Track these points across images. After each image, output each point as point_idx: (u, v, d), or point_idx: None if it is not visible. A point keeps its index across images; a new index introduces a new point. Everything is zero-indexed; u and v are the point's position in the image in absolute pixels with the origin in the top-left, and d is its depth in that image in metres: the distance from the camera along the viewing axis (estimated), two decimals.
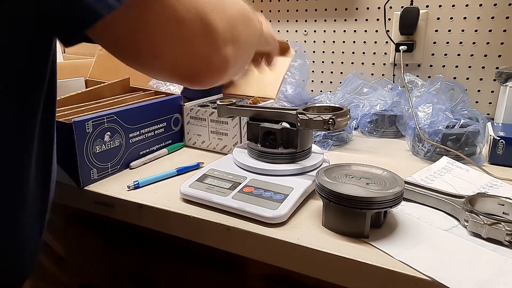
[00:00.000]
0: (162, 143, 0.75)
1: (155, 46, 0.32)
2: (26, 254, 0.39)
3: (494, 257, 0.41)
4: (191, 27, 0.32)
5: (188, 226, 0.52)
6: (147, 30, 0.31)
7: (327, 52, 1.08)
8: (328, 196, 0.45)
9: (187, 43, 0.32)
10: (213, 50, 0.33)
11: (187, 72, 0.34)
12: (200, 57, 0.33)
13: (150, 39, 0.31)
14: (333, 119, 0.51)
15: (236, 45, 0.36)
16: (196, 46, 0.32)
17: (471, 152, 0.67)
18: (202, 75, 0.34)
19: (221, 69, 0.35)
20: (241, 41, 0.37)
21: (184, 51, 0.32)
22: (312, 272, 0.45)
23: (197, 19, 0.32)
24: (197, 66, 0.33)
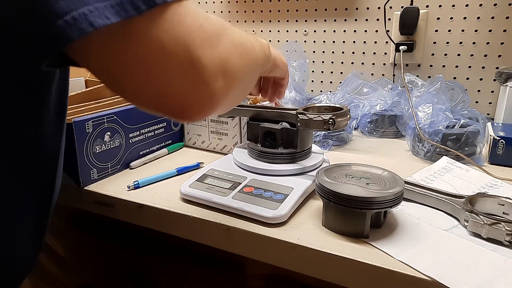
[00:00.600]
0: (162, 143, 0.75)
1: (136, 79, 0.30)
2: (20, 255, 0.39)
3: (494, 257, 0.41)
4: (176, 62, 0.30)
5: (188, 226, 0.52)
6: (127, 61, 0.29)
7: (327, 52, 1.08)
8: (328, 196, 0.45)
9: (172, 78, 0.30)
10: (200, 85, 0.31)
11: (172, 107, 0.32)
12: (185, 92, 0.31)
13: (131, 71, 0.30)
14: (333, 119, 0.51)
15: (228, 78, 0.34)
16: (181, 80, 0.31)
17: (471, 152, 0.67)
18: (188, 110, 0.33)
19: (210, 104, 0.33)
20: (235, 74, 0.35)
21: (168, 87, 0.31)
22: (312, 272, 0.45)
23: (184, 53, 0.30)
24: (182, 101, 0.32)
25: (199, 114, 0.34)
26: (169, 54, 0.30)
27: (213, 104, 0.34)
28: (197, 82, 0.31)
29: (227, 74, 0.34)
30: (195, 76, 0.31)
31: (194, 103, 0.32)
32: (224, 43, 0.34)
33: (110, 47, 0.29)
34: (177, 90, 0.31)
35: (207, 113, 0.34)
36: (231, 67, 0.34)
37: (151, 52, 0.29)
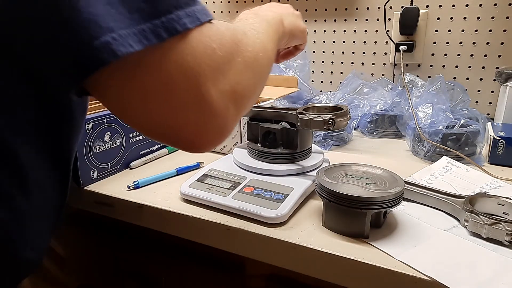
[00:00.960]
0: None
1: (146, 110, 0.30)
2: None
3: (494, 257, 0.41)
4: (186, 94, 0.29)
5: (188, 226, 0.52)
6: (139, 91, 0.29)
7: (327, 52, 1.08)
8: (328, 196, 0.45)
9: (181, 109, 0.30)
10: (210, 118, 0.31)
11: (181, 140, 0.32)
12: (195, 124, 0.31)
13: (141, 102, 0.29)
14: (333, 119, 0.51)
15: (239, 102, 0.33)
16: (191, 113, 0.30)
17: (471, 152, 0.67)
18: (198, 142, 0.32)
19: (219, 134, 0.33)
20: (246, 94, 0.35)
21: (177, 117, 0.30)
22: (312, 272, 0.45)
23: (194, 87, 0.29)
24: (192, 133, 0.31)
25: (210, 146, 0.33)
26: (177, 86, 0.29)
27: (224, 133, 0.33)
28: (207, 115, 0.31)
29: (238, 99, 0.33)
30: (205, 110, 0.30)
31: (203, 135, 0.32)
32: (237, 65, 0.33)
33: (125, 76, 0.28)
34: (185, 122, 0.30)
35: (218, 143, 0.34)
36: (242, 90, 0.34)
37: (160, 81, 0.28)
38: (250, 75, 0.35)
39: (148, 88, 0.29)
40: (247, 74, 0.34)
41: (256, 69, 0.37)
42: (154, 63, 0.28)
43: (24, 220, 0.36)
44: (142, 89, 0.29)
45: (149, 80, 0.29)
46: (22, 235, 0.36)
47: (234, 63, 0.33)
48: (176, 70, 0.29)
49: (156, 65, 0.28)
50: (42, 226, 0.39)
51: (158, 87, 0.29)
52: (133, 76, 0.28)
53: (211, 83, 0.30)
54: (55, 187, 0.40)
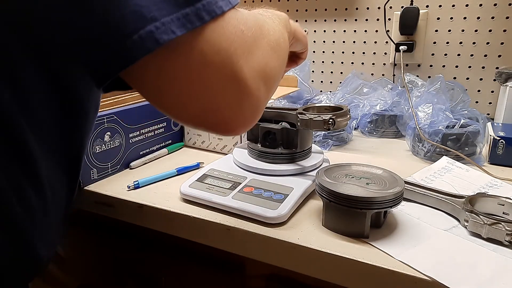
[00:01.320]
0: (162, 143, 0.75)
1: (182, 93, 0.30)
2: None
3: (494, 257, 0.41)
4: (220, 74, 0.30)
5: (188, 226, 0.52)
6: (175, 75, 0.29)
7: (327, 52, 1.08)
8: (328, 196, 0.45)
9: (216, 90, 0.30)
10: (244, 96, 0.32)
11: (217, 121, 0.32)
12: (229, 103, 0.31)
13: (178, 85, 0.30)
14: (333, 119, 0.51)
15: (268, 83, 0.34)
16: (226, 93, 0.31)
17: (471, 152, 0.67)
18: (234, 122, 0.32)
19: (253, 113, 0.33)
20: (274, 76, 0.36)
21: (213, 98, 0.31)
22: (312, 272, 0.45)
23: (228, 66, 0.30)
24: (227, 113, 0.32)
25: (245, 126, 0.34)
26: (214, 67, 0.29)
27: (257, 113, 0.34)
28: (241, 93, 0.31)
29: (267, 79, 0.34)
30: (238, 88, 0.31)
31: (239, 114, 0.32)
32: (263, 47, 0.34)
33: (164, 61, 0.29)
34: (220, 103, 0.31)
35: (252, 123, 0.34)
36: (270, 71, 0.34)
37: (199, 65, 0.29)
38: (275, 57, 0.36)
39: (186, 71, 0.29)
40: (272, 56, 0.35)
41: (279, 53, 0.37)
42: (192, 46, 0.29)
43: (36, 216, 0.36)
44: (181, 73, 0.29)
45: (187, 63, 0.29)
46: (35, 231, 0.36)
47: (261, 45, 0.34)
48: (211, 51, 0.29)
49: (194, 48, 0.29)
50: (52, 223, 0.39)
51: (196, 69, 0.29)
52: (172, 60, 0.29)
53: (243, 61, 0.31)
54: (64, 184, 0.40)
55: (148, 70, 0.29)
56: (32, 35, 0.28)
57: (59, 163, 0.37)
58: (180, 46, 0.29)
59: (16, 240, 0.35)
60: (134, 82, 0.32)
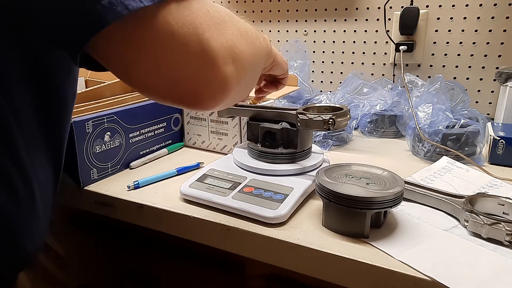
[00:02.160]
0: (162, 143, 0.75)
1: (148, 63, 0.31)
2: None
3: (494, 257, 0.41)
4: (186, 43, 0.30)
5: (188, 226, 0.52)
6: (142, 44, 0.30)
7: (327, 52, 1.08)
8: (328, 196, 0.45)
9: (183, 59, 0.31)
10: (211, 69, 0.32)
11: (186, 90, 0.32)
12: (197, 74, 0.32)
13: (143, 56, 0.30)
14: (333, 119, 0.51)
15: (237, 64, 0.34)
16: (192, 63, 0.31)
17: (471, 152, 0.67)
18: (202, 94, 0.33)
19: (220, 89, 0.34)
20: (244, 60, 0.36)
21: (180, 69, 0.31)
22: (312, 272, 0.45)
23: (193, 37, 0.31)
24: (195, 83, 0.32)
25: (211, 100, 0.34)
26: (178, 37, 0.30)
27: (225, 89, 0.34)
28: (208, 64, 0.32)
29: (236, 59, 0.34)
30: (205, 58, 0.31)
31: (205, 87, 0.32)
32: (231, 29, 0.34)
33: (130, 30, 0.29)
34: (187, 74, 0.31)
35: (219, 99, 0.34)
36: (239, 53, 0.35)
37: (164, 36, 0.30)
38: (245, 43, 0.36)
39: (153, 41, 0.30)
40: (242, 41, 0.36)
41: (249, 41, 0.37)
42: (159, 17, 0.30)
43: (23, 207, 0.36)
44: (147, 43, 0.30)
45: (153, 33, 0.30)
46: (22, 223, 0.37)
47: (229, 26, 0.34)
48: (178, 24, 0.30)
49: (160, 20, 0.30)
50: (39, 215, 0.39)
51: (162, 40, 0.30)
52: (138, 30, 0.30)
53: (209, 35, 0.31)
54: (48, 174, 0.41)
55: (115, 40, 0.30)
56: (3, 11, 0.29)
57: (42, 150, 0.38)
58: (147, 16, 0.29)
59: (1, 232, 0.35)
60: (101, 55, 0.32)
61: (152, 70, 0.31)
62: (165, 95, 0.33)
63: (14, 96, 0.33)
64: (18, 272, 0.40)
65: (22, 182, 0.36)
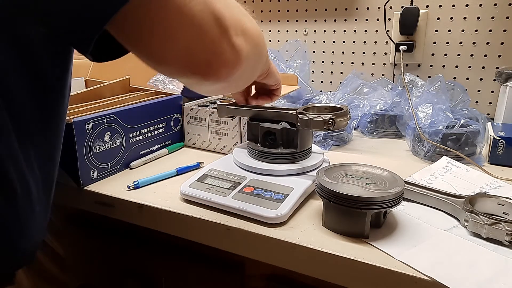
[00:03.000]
0: (162, 143, 0.75)
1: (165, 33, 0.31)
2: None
3: (494, 257, 0.41)
4: (200, 14, 0.31)
5: (188, 226, 0.52)
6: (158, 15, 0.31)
7: (327, 52, 1.08)
8: (328, 196, 0.45)
9: (198, 30, 0.32)
10: (224, 38, 0.33)
11: (200, 61, 0.33)
12: (211, 45, 0.33)
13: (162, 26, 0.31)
14: (333, 119, 0.51)
15: (246, 37, 0.35)
16: (206, 33, 0.32)
17: (471, 152, 0.67)
18: (215, 65, 0.34)
19: (234, 60, 0.35)
20: (251, 35, 0.37)
21: (194, 39, 0.32)
22: (312, 272, 0.45)
23: (206, 7, 0.32)
24: (209, 55, 0.33)
25: (224, 70, 0.34)
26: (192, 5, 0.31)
27: (235, 61, 0.35)
28: (221, 33, 0.33)
29: (245, 33, 0.35)
30: (219, 27, 0.33)
31: (218, 56, 0.34)
32: (237, 10, 0.36)
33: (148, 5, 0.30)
34: (201, 43, 0.32)
35: (230, 70, 0.35)
36: (247, 29, 0.36)
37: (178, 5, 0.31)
38: (251, 23, 0.38)
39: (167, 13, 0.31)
40: (248, 20, 0.37)
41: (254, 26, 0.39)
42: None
43: (18, 207, 0.36)
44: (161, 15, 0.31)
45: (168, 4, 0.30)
46: (17, 223, 0.37)
47: (234, 8, 0.36)
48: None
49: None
50: (36, 216, 0.39)
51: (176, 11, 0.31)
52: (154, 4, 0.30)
53: (220, 6, 0.33)
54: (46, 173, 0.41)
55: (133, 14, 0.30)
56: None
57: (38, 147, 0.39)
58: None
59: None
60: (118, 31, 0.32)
61: (168, 41, 0.32)
62: (180, 66, 0.34)
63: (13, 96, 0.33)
64: (15, 270, 0.40)
65: (18, 182, 0.36)
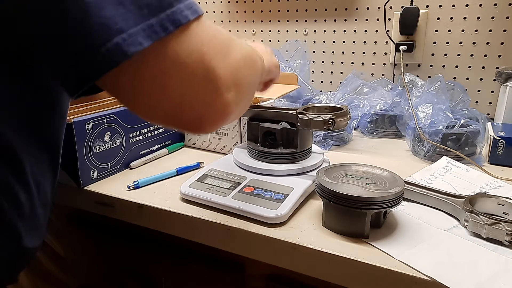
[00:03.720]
0: (162, 143, 0.75)
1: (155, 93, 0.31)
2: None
3: (494, 257, 0.41)
4: (193, 72, 0.31)
5: (188, 226, 0.52)
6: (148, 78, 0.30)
7: (327, 52, 1.08)
8: (328, 196, 0.45)
9: (190, 88, 0.31)
10: (215, 95, 0.33)
11: (190, 116, 0.33)
12: (202, 101, 0.32)
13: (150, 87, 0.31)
14: (333, 119, 0.51)
15: (238, 89, 0.35)
16: (198, 91, 0.32)
17: (471, 152, 0.67)
18: (204, 120, 0.33)
19: (223, 114, 0.34)
20: (244, 85, 0.36)
21: (186, 95, 0.31)
22: (312, 272, 0.45)
23: (199, 65, 0.31)
24: (199, 110, 0.33)
25: (212, 125, 0.34)
26: (186, 66, 0.30)
27: (226, 114, 0.34)
28: (212, 92, 0.32)
29: (238, 84, 0.35)
30: (210, 87, 0.32)
31: (208, 114, 0.33)
32: (235, 53, 0.35)
33: (136, 68, 0.29)
34: (192, 101, 0.32)
35: (219, 124, 0.35)
36: (241, 78, 0.35)
37: (170, 66, 0.30)
38: (247, 67, 0.37)
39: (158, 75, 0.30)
40: (244, 64, 0.36)
41: (251, 65, 0.38)
42: (161, 53, 0.30)
43: (23, 210, 0.37)
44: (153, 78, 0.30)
45: (158, 68, 0.30)
46: (22, 224, 0.37)
47: (233, 51, 0.35)
48: (183, 54, 0.30)
49: (163, 55, 0.30)
50: (39, 215, 0.40)
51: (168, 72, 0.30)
52: (143, 68, 0.30)
53: (215, 62, 0.32)
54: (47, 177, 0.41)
55: (120, 77, 0.30)
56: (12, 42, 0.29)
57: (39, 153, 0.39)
58: (149, 55, 0.29)
59: (3, 233, 0.35)
60: (109, 88, 0.32)
61: (159, 100, 0.31)
62: (169, 122, 0.34)
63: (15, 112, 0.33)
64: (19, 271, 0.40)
65: (21, 188, 0.36)
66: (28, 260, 0.40)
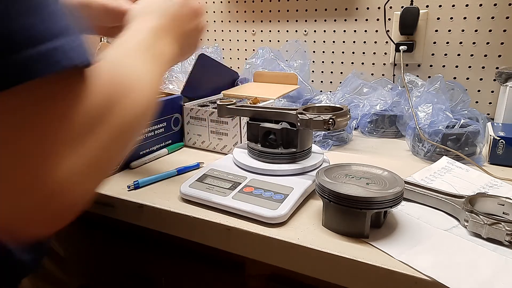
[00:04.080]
0: (162, 143, 0.75)
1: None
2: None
3: (494, 257, 0.41)
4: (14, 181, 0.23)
5: (188, 226, 0.52)
6: None
7: (327, 52, 1.08)
8: (328, 196, 0.45)
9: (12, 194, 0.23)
10: (49, 201, 0.25)
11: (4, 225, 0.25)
12: (28, 211, 0.24)
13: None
14: (333, 119, 0.51)
15: (92, 179, 0.28)
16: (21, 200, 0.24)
17: (471, 152, 0.67)
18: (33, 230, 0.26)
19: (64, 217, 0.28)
20: (105, 169, 0.29)
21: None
22: (312, 272, 0.45)
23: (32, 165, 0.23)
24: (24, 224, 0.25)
25: (53, 228, 0.28)
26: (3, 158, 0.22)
27: (70, 215, 0.28)
28: (46, 197, 0.24)
29: (92, 175, 0.27)
30: (42, 193, 0.24)
31: (41, 221, 0.26)
32: (100, 137, 0.26)
33: None
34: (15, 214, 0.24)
35: (65, 222, 0.28)
36: (100, 167, 0.28)
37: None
38: (115, 147, 0.29)
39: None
40: (110, 148, 0.28)
41: (127, 135, 0.31)
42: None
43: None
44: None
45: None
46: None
47: (96, 134, 0.26)
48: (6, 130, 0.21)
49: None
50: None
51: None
52: None
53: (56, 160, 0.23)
54: None
55: None
56: None
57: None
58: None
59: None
60: None
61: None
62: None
63: None
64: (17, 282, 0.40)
65: None
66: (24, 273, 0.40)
